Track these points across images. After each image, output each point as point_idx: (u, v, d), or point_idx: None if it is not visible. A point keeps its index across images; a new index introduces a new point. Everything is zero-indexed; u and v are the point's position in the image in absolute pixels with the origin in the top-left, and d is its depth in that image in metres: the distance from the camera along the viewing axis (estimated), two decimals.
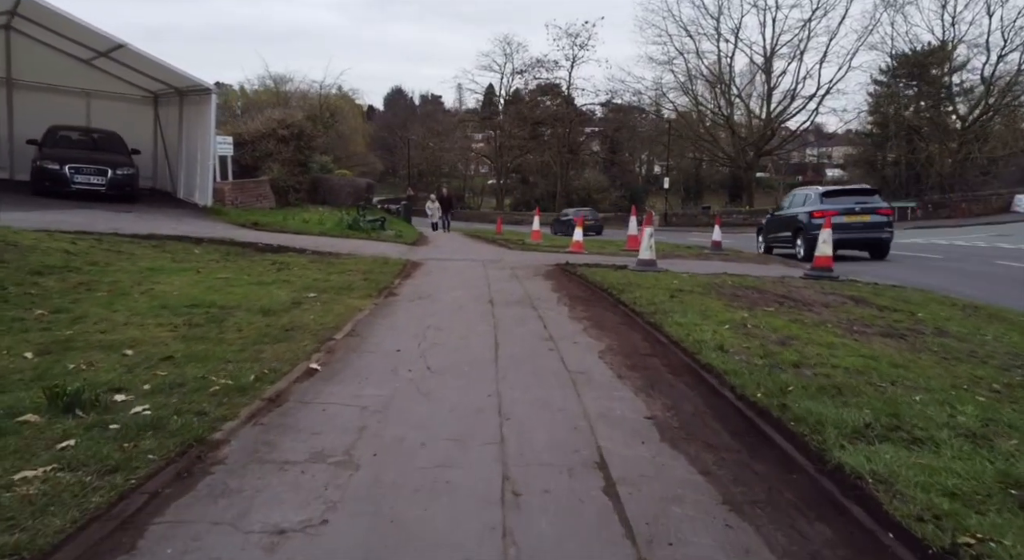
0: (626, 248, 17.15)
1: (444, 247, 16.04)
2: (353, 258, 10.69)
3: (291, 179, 21.66)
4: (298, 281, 7.64)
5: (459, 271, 9.96)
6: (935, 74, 43.12)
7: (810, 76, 44.16)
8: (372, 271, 9.05)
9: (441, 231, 26.88)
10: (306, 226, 16.58)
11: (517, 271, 10.11)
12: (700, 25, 44.41)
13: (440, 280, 8.76)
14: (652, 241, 10.72)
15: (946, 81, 41.28)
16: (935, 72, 43.37)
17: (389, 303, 6.73)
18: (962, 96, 41.57)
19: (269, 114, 23.21)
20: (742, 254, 16.96)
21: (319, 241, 13.33)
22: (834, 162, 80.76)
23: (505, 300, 7.09)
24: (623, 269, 10.60)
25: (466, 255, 13.40)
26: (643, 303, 6.70)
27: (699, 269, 11.86)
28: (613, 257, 14.46)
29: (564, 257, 13.39)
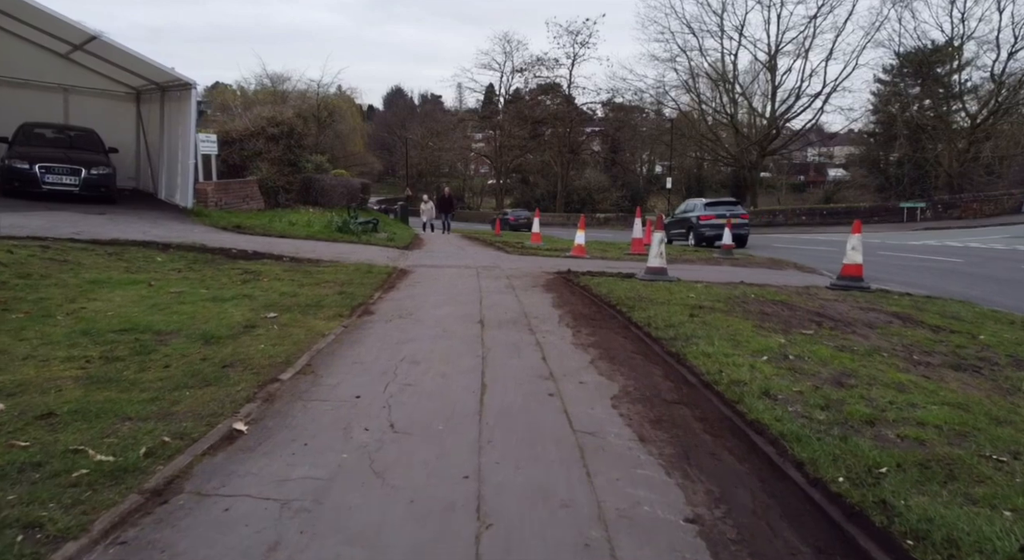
0: (630, 252, 16.13)
1: (438, 251, 15.00)
2: (334, 266, 9.65)
3: (281, 179, 20.61)
4: (262, 296, 6.60)
5: (450, 281, 8.92)
6: (942, 71, 41.99)
7: (815, 74, 43.06)
8: (351, 282, 8.02)
9: (439, 232, 25.85)
10: (292, 229, 15.54)
11: (514, 281, 9.08)
12: (703, 22, 43.39)
13: (427, 293, 7.73)
14: (663, 247, 9.69)
15: (955, 78, 40.14)
16: (942, 69, 42.24)
17: (362, 325, 5.69)
18: (970, 94, 40.43)
19: (258, 112, 22.15)
20: (753, 258, 15.93)
21: (302, 246, 12.29)
22: (835, 162, 79.73)
23: (498, 319, 6.06)
24: (630, 278, 9.57)
25: (460, 261, 12.36)
26: (659, 324, 5.67)
27: (712, 277, 10.83)
28: (618, 263, 13.43)
29: (565, 263, 12.36)
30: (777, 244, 24.84)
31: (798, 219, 35.41)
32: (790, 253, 19.26)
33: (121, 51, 14.54)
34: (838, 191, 61.89)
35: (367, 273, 9.02)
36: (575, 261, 13.09)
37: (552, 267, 11.34)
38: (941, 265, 15.29)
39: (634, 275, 9.88)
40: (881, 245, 23.87)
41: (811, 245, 23.85)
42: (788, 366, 4.42)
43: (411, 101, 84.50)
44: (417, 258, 12.55)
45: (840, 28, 40.67)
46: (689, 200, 25.87)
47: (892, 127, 60.27)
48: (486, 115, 61.22)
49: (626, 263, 13.46)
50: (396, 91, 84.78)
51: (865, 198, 59.69)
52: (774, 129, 42.56)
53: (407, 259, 12.17)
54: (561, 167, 54.46)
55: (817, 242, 25.58)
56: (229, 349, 4.54)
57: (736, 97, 42.97)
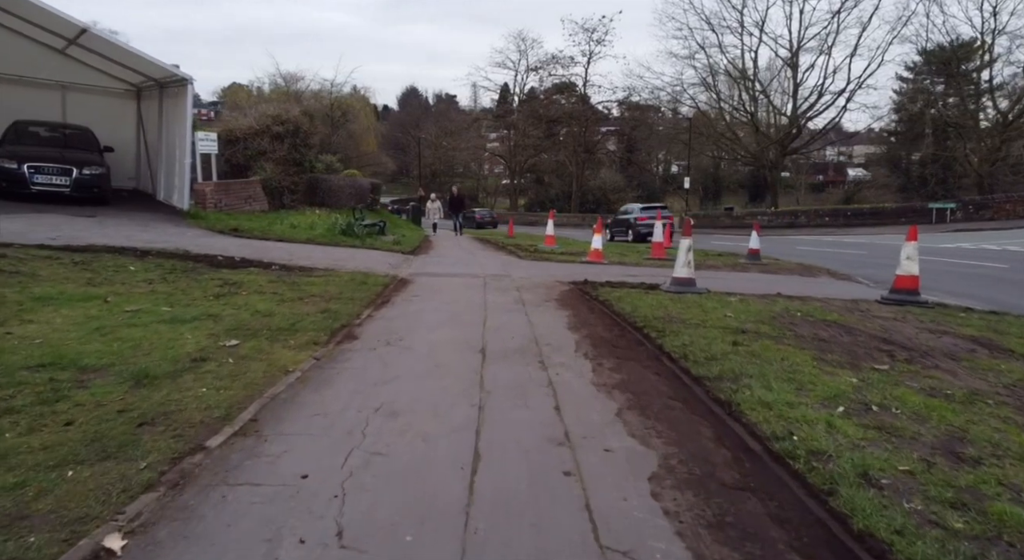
0: (650, 256, 15.06)
1: (445, 256, 14.01)
2: (327, 275, 8.69)
3: (286, 179, 19.75)
4: (231, 316, 5.64)
5: (452, 294, 7.92)
6: (971, 67, 40.29)
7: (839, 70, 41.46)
8: (340, 296, 7.05)
9: (449, 233, 24.88)
10: (293, 232, 14.64)
11: (524, 294, 8.05)
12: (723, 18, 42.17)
13: (424, 310, 6.72)
14: (690, 256, 8.62)
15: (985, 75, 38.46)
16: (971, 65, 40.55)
17: (339, 356, 4.70)
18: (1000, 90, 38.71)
19: (264, 109, 21.31)
20: (781, 263, 14.78)
21: (298, 251, 11.36)
22: (854, 161, 77.71)
23: (503, 348, 5.04)
24: (655, 290, 8.52)
25: (467, 267, 11.36)
26: (698, 356, 4.62)
27: (743, 286, 9.75)
28: (638, 269, 12.36)
29: (581, 271, 11.32)
30: (801, 247, 23.60)
31: (821, 220, 33.99)
32: (817, 257, 18.04)
33: (112, 44, 13.72)
34: (859, 191, 60.22)
35: (361, 284, 8.04)
36: (592, 268, 12.05)
37: (567, 276, 10.30)
38: (986, 272, 14.05)
39: (659, 286, 8.82)
40: None
41: (838, 248, 22.58)
42: (875, 423, 3.36)
43: (425, 101, 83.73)
44: (421, 265, 11.57)
45: (865, 23, 39.04)
46: (628, 205, 32.83)
47: (915, 125, 58.48)
48: (500, 114, 60.20)
49: (647, 269, 12.39)
50: (411, 91, 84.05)
51: (887, 198, 57.96)
52: (795, 127, 41.04)
53: (410, 266, 11.19)
54: (576, 167, 53.30)
55: (843, 245, 24.31)
56: (161, 395, 3.56)
57: (756, 95, 41.50)
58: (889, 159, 60.80)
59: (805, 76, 41.14)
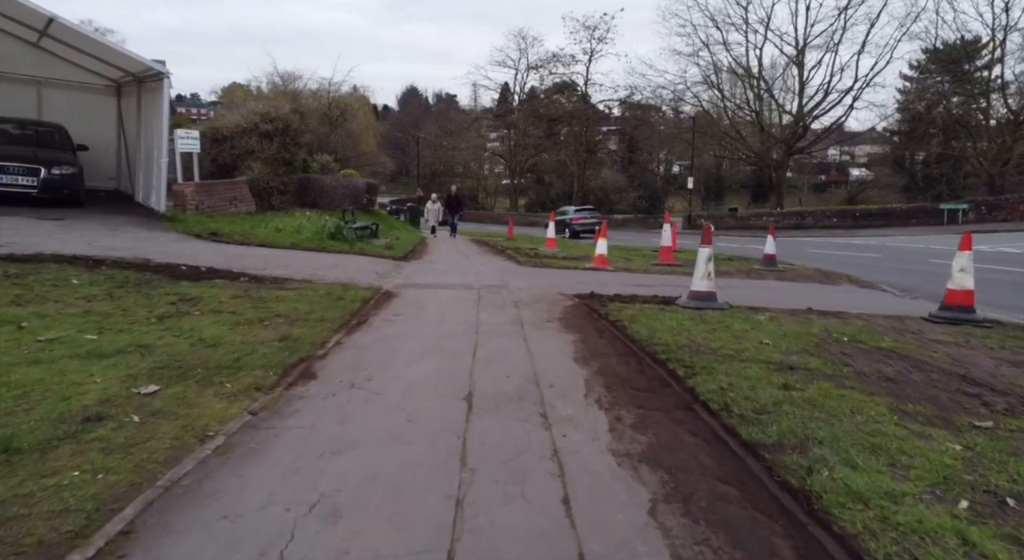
0: (658, 262, 14.00)
1: (439, 262, 12.95)
2: (301, 289, 7.64)
3: (275, 179, 18.69)
4: (165, 347, 4.59)
5: (441, 311, 6.86)
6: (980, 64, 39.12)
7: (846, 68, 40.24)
8: (310, 316, 6.00)
9: (446, 235, 23.78)
10: (277, 236, 13.60)
11: (523, 310, 7.00)
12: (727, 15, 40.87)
13: (406, 333, 5.67)
14: (710, 266, 7.57)
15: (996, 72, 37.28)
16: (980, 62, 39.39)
17: (283, 408, 3.64)
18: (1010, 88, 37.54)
19: (251, 107, 20.27)
20: (798, 269, 13.72)
21: (276, 258, 10.31)
22: (856, 161, 76.47)
23: (495, 392, 3.98)
24: (671, 306, 7.47)
25: (462, 276, 10.31)
26: (743, 406, 3.57)
27: (766, 298, 8.72)
28: (647, 278, 11.30)
29: (586, 279, 10.27)
30: (811, 249, 22.54)
31: (828, 221, 32.88)
32: (829, 261, 17.00)
33: (83, 35, 12.69)
34: (862, 191, 59.16)
35: (337, 300, 6.98)
36: (597, 276, 11.00)
37: (570, 286, 9.25)
38: (1015, 278, 13.00)
39: (674, 300, 7.77)
40: (927, 251, 21.52)
41: (849, 251, 21.51)
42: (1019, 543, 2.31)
43: (426, 101, 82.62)
44: (411, 273, 10.51)
45: (874, 19, 37.79)
46: (564, 207, 39.64)
47: (919, 125, 57.32)
48: (500, 113, 59.06)
49: (657, 277, 11.34)
50: (411, 90, 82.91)
51: (890, 198, 56.85)
52: (801, 126, 39.87)
53: (399, 275, 10.14)
54: (577, 167, 52.18)
55: (854, 247, 23.23)
56: (11, 484, 2.51)
57: (761, 93, 40.30)
58: (893, 159, 59.73)
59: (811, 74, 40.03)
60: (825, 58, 39.36)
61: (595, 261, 12.69)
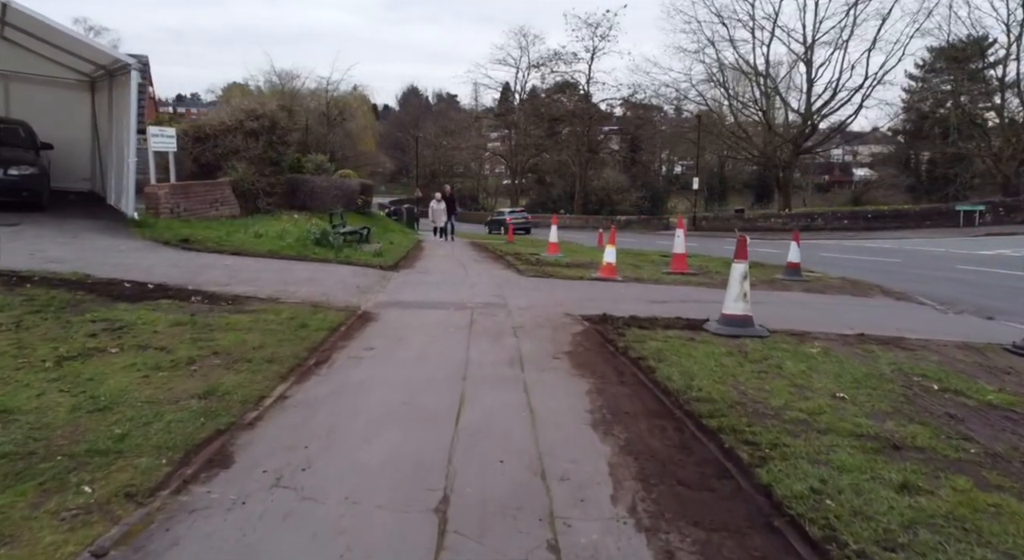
0: (670, 270, 12.72)
1: (432, 272, 11.67)
2: (260, 311, 6.37)
3: (261, 180, 17.43)
4: (39, 411, 3.32)
5: (424, 344, 5.58)
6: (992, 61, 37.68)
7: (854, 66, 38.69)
8: (255, 354, 4.73)
9: (442, 239, 22.45)
10: (255, 242, 12.33)
11: (524, 341, 5.73)
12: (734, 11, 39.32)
13: (371, 383, 4.39)
14: (746, 285, 6.30)
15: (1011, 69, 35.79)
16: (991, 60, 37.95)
17: (156, 535, 2.36)
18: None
19: (237, 104, 19.01)
20: (824, 279, 12.45)
21: (245, 270, 9.04)
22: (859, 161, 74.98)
23: (482, 497, 2.71)
24: (700, 331, 6.21)
25: (455, 290, 9.03)
26: (855, 529, 2.30)
27: (801, 317, 7.51)
28: (662, 290, 10.03)
29: (594, 293, 9.00)
30: (824, 253, 21.26)
31: (839, 223, 31.51)
32: (847, 267, 15.77)
33: (40, 23, 11.37)
34: (867, 191, 57.84)
35: (300, 328, 5.71)
36: (606, 288, 9.73)
37: (578, 303, 8.00)
38: None
39: (702, 324, 6.51)
40: (950, 256, 20.22)
41: (866, 255, 20.21)
42: None
43: (426, 101, 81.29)
44: (398, 287, 9.22)
45: (886, 15, 36.25)
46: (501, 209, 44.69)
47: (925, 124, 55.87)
48: (501, 113, 57.67)
49: (673, 290, 10.06)
50: (411, 90, 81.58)
51: (895, 198, 55.48)
52: (809, 125, 38.43)
53: (384, 289, 8.86)
54: (579, 167, 50.81)
55: (870, 251, 21.90)
56: None
57: (768, 91, 38.85)
58: (898, 159, 58.40)
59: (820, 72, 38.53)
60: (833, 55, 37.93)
61: (603, 270, 11.42)
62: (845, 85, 37.49)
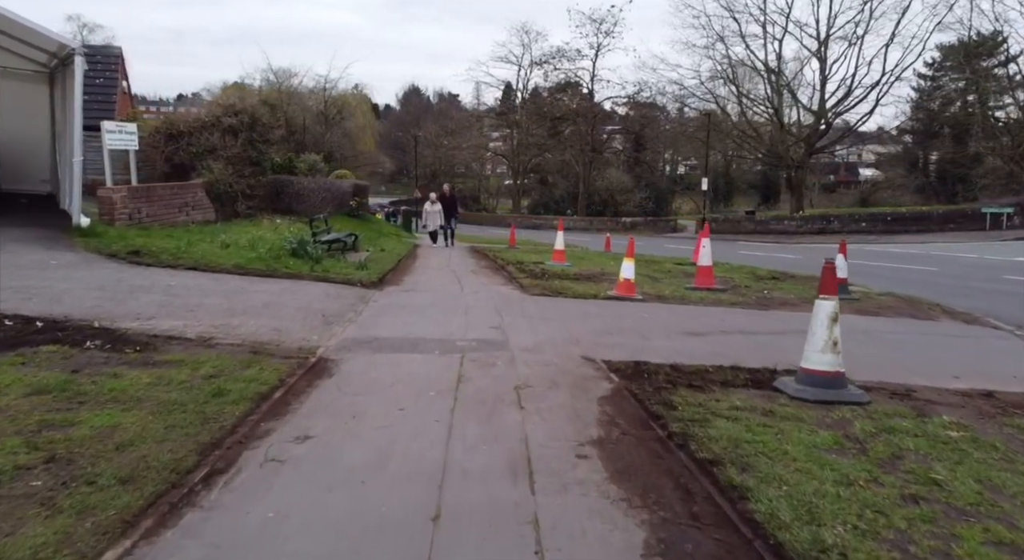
0: (694, 285, 10.93)
1: (421, 290, 9.88)
2: (173, 363, 4.59)
3: (239, 182, 15.68)
4: None
5: (386, 430, 3.76)
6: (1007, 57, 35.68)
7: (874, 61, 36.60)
8: (118, 460, 2.96)
9: (442, 244, 20.59)
10: (221, 254, 10.58)
11: (531, 415, 3.95)
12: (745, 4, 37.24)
13: (279, 532, 2.63)
14: (836, 331, 4.50)
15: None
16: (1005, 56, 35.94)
17: None
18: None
19: (217, 99, 17.29)
20: (874, 297, 10.65)
21: (187, 293, 7.28)
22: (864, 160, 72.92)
23: None
24: (776, 394, 4.44)
25: (444, 320, 7.24)
26: None
27: (883, 360, 5.76)
28: (693, 313, 8.24)
29: (615, 319, 7.22)
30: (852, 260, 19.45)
31: (856, 226, 29.63)
32: (881, 278, 14.03)
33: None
34: (875, 192, 55.93)
35: (213, 397, 3.93)
36: (628, 311, 7.93)
37: (596, 338, 6.25)
38: None
39: (770, 378, 4.74)
40: (986, 264, 18.43)
41: (894, 262, 18.35)
42: None
43: (428, 100, 79.39)
44: (375, 314, 7.44)
45: (905, 7, 34.16)
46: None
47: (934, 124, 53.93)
48: (503, 111, 55.72)
49: (707, 314, 8.27)
50: (412, 90, 79.70)
51: (904, 199, 53.58)
52: (823, 124, 36.40)
53: (356, 318, 7.08)
54: (583, 167, 48.87)
55: (897, 257, 20.03)
56: None
57: (781, 89, 36.86)
58: (907, 159, 56.51)
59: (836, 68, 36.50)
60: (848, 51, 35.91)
61: (620, 287, 9.65)
62: (861, 82, 35.51)
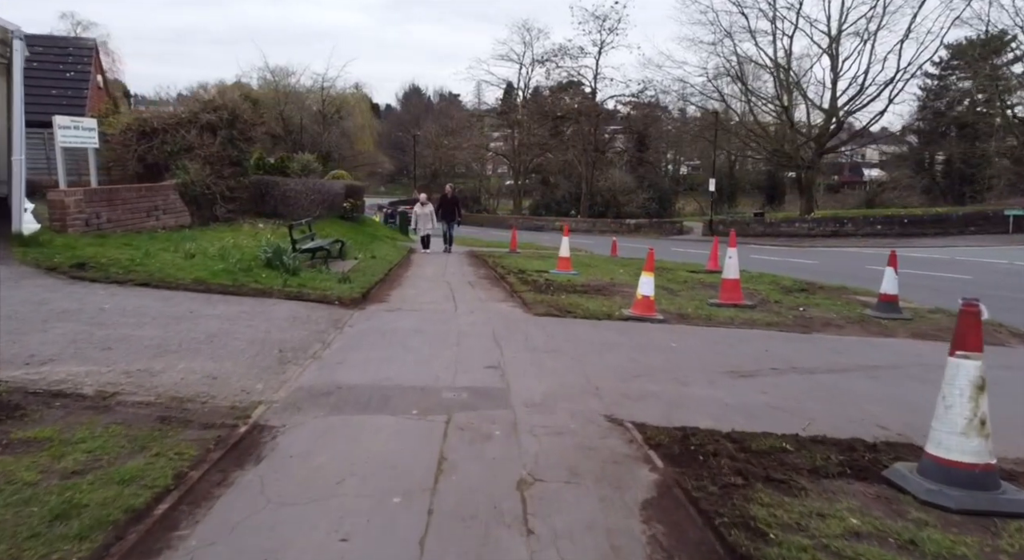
0: (719, 301, 9.50)
1: (408, 309, 8.43)
2: (29, 450, 3.20)
3: (218, 183, 14.27)
4: None
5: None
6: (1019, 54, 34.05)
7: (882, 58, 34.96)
8: None
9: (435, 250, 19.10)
10: (184, 265, 9.17)
11: (545, 538, 2.55)
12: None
13: None
14: (984, 406, 3.08)
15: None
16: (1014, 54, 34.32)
17: None
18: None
19: (195, 95, 15.86)
20: (926, 316, 9.20)
21: (120, 319, 5.86)
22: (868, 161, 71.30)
23: None
24: (901, 501, 2.99)
25: (430, 356, 5.81)
26: None
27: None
28: (727, 338, 6.79)
29: (638, 357, 5.78)
30: (872, 266, 18.00)
31: (872, 228, 28.12)
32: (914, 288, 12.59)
33: None
34: (881, 193, 54.41)
35: (50, 524, 2.51)
36: (652, 343, 6.48)
37: (621, 384, 4.83)
38: None
39: (877, 466, 3.31)
40: (1013, 269, 17.03)
41: (923, 269, 16.86)
42: None
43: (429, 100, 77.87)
44: (346, 346, 6.00)
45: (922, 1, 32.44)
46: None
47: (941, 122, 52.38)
48: (504, 110, 54.16)
49: (744, 340, 6.83)
50: (413, 89, 78.16)
51: (911, 200, 52.08)
52: (835, 122, 34.78)
53: (322, 352, 5.66)
54: (586, 167, 47.33)
55: (923, 264, 18.51)
56: None
57: (791, 86, 35.26)
58: (913, 159, 55.02)
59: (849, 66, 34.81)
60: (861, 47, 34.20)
61: (637, 305, 8.23)
62: (875, 80, 33.91)
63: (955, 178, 51.77)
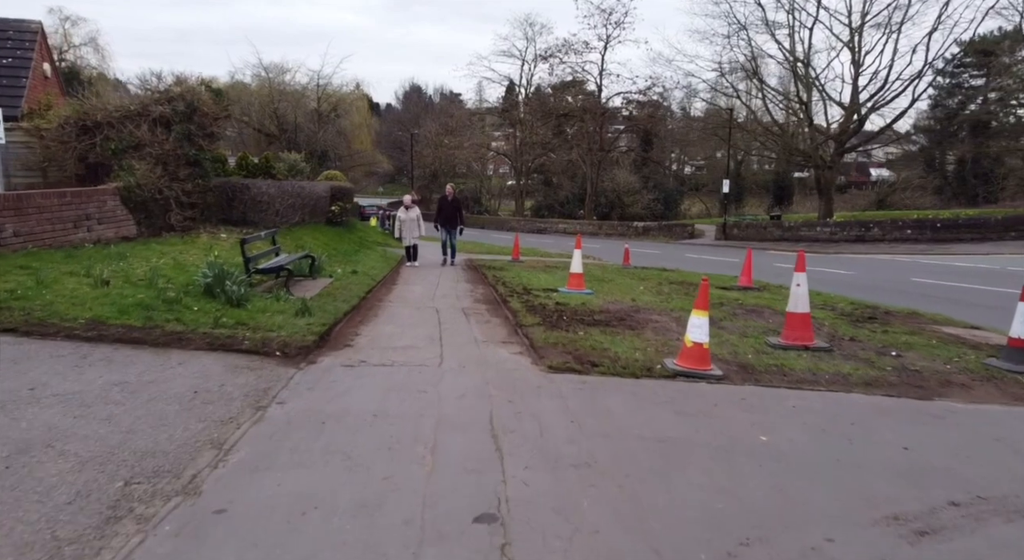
0: (785, 342, 7.13)
1: (371, 364, 6.07)
2: None
3: (172, 187, 11.93)
4: None
5: None
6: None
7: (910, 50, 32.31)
8: None
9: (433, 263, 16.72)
10: (90, 297, 6.83)
11: None
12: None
13: None
14: None
15: None
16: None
17: None
18: None
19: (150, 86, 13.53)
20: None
21: None
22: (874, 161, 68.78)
23: None
24: None
25: (385, 484, 3.50)
26: None
27: None
28: (824, 413, 4.39)
29: (720, 475, 3.38)
30: (916, 278, 15.62)
31: (901, 233, 25.69)
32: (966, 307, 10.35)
33: None
34: (892, 193, 52.05)
35: None
36: (732, 431, 4.08)
37: (706, 548, 2.48)
38: None
39: None
40: None
41: (977, 283, 14.37)
42: None
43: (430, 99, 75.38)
44: (242, 471, 3.65)
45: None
46: None
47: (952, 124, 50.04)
48: (506, 108, 51.69)
49: (860, 420, 4.35)
50: (413, 88, 75.66)
51: (924, 201, 49.73)
52: (857, 119, 32.28)
53: (206, 480, 3.33)
54: (590, 167, 44.89)
55: (974, 276, 16.02)
56: None
57: (810, 82, 32.73)
58: (925, 158, 52.66)
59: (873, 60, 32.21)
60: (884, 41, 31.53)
61: (687, 356, 5.91)
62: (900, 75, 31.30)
63: (968, 178, 49.44)
